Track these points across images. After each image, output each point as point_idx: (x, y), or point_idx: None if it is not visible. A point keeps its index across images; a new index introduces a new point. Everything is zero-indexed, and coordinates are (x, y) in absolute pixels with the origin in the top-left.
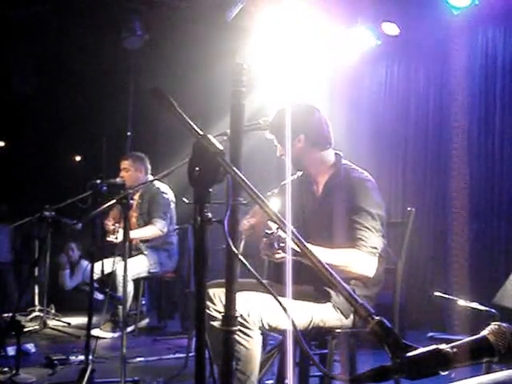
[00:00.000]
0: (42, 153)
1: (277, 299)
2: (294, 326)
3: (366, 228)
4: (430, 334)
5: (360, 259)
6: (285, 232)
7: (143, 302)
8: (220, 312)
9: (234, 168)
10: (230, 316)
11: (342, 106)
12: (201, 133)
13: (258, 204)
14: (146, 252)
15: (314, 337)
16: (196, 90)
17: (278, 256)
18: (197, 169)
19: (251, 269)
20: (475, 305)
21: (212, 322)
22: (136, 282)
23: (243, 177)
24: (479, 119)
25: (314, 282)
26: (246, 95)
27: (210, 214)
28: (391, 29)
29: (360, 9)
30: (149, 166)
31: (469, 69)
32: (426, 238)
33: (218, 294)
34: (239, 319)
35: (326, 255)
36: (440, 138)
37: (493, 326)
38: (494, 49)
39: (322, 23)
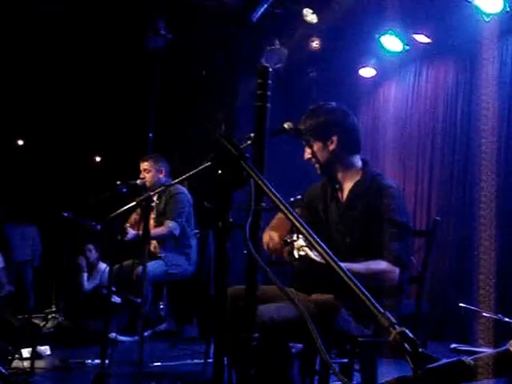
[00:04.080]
0: (62, 152)
1: (298, 307)
2: (315, 335)
3: (392, 237)
4: (453, 346)
5: (385, 269)
6: (307, 240)
7: (161, 307)
8: (240, 319)
9: (258, 172)
10: (249, 323)
11: (368, 111)
12: (224, 135)
13: (281, 210)
14: (162, 255)
15: (335, 346)
16: (220, 92)
17: (296, 264)
18: (219, 172)
19: (272, 275)
20: (500, 317)
21: (232, 329)
22: (155, 285)
23: (266, 182)
24: (508, 128)
25: (335, 291)
26: (271, 98)
27: (231, 219)
28: (421, 38)
29: (390, 17)
30: (169, 168)
31: (499, 76)
32: (451, 248)
33: (238, 301)
34: (263, 330)
35: (350, 266)
36: (467, 147)
37: None
38: None
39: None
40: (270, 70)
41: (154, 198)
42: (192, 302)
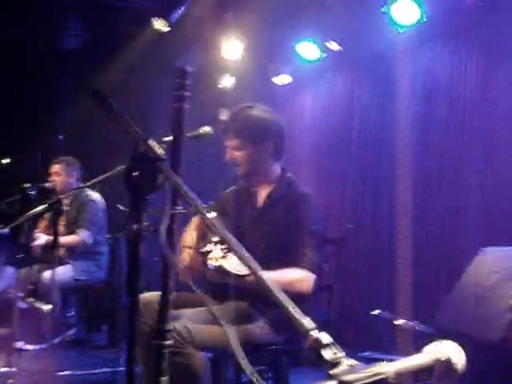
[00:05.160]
0: None
1: (213, 314)
2: (233, 342)
3: (306, 245)
4: (365, 354)
5: (301, 277)
6: (228, 246)
7: (70, 314)
8: (152, 326)
9: (175, 175)
10: (162, 330)
11: (283, 119)
12: (141, 137)
13: (198, 214)
14: (70, 261)
15: (248, 353)
16: (137, 93)
17: (211, 275)
18: (135, 174)
19: (189, 282)
20: (414, 324)
21: (144, 336)
22: (64, 291)
23: (184, 185)
24: (420, 138)
25: (249, 298)
26: (191, 99)
27: (146, 223)
28: (335, 46)
29: (304, 25)
30: (80, 172)
31: (412, 87)
32: (363, 255)
33: (151, 307)
34: (176, 337)
35: (266, 274)
36: (380, 156)
37: (432, 345)
38: (437, 68)
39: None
40: (189, 70)
41: (65, 203)
42: (102, 308)
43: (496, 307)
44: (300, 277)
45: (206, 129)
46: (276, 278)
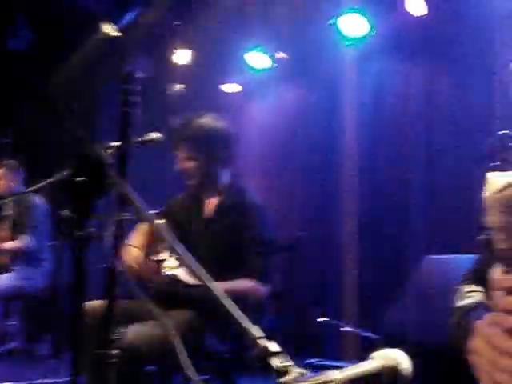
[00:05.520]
0: None
1: (160, 321)
2: (179, 350)
3: (257, 254)
4: (313, 360)
5: (251, 288)
6: (174, 254)
7: (12, 323)
8: (98, 335)
9: (122, 181)
10: (108, 339)
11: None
12: (87, 142)
13: (146, 221)
14: (13, 268)
15: (195, 362)
16: (86, 98)
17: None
18: (80, 179)
19: (137, 290)
20: (359, 330)
21: (89, 346)
22: (5, 300)
23: (131, 191)
24: (365, 145)
25: (198, 307)
26: (140, 105)
27: (92, 229)
28: (283, 56)
29: (254, 34)
30: (23, 176)
31: (359, 98)
32: (312, 263)
33: (96, 316)
34: (123, 346)
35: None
36: (329, 164)
37: (379, 351)
38: (384, 79)
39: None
40: (138, 76)
41: (8, 208)
42: (46, 317)
43: (441, 313)
44: (249, 287)
45: (154, 135)
46: (225, 288)
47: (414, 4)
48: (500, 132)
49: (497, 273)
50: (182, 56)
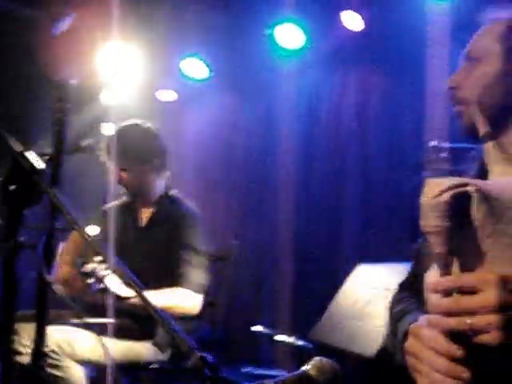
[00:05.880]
0: None
1: (92, 331)
2: (109, 358)
3: (192, 264)
4: (247, 369)
5: (185, 298)
6: (107, 264)
7: None
8: (27, 346)
9: (54, 189)
10: (39, 351)
11: (168, 135)
12: (18, 149)
13: (77, 231)
14: None
15: (128, 372)
16: (19, 104)
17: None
18: (12, 187)
19: (69, 300)
20: (293, 339)
21: (18, 358)
22: None
23: (63, 200)
24: (301, 156)
25: (133, 317)
26: (72, 112)
27: (22, 238)
28: (219, 64)
29: (191, 42)
30: None
31: (296, 108)
32: (246, 271)
33: (25, 327)
34: (51, 354)
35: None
36: (264, 173)
37: (314, 360)
38: (320, 91)
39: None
40: (71, 82)
41: None
42: None
43: (372, 323)
44: (185, 297)
45: (88, 142)
46: (160, 298)
47: (351, 19)
48: (431, 143)
49: (433, 276)
50: (117, 61)
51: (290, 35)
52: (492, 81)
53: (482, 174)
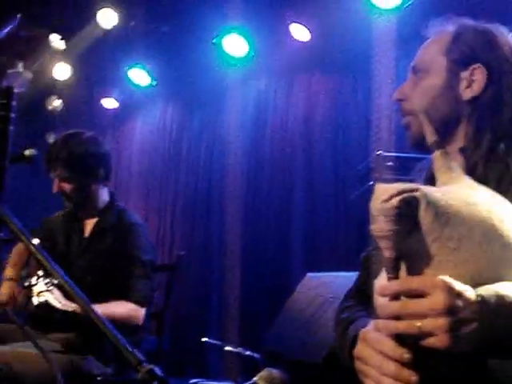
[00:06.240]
0: None
1: (35, 344)
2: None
3: (137, 276)
4: (193, 381)
5: (129, 310)
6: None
7: None
8: None
9: None
10: None
11: (112, 143)
12: None
13: (22, 242)
14: None
15: None
16: None
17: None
18: None
19: (11, 313)
20: (241, 349)
21: None
22: None
23: (5, 209)
24: (249, 168)
25: (76, 330)
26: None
27: None
28: (165, 73)
29: (136, 51)
30: None
31: (241, 118)
32: (194, 282)
33: None
34: None
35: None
36: (210, 183)
37: (263, 371)
38: (265, 100)
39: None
40: (15, 90)
41: None
42: None
43: (322, 331)
44: (128, 310)
45: (30, 151)
46: (104, 311)
47: (298, 30)
48: (377, 153)
49: (381, 280)
50: (61, 71)
51: (237, 44)
52: (438, 92)
53: (430, 182)
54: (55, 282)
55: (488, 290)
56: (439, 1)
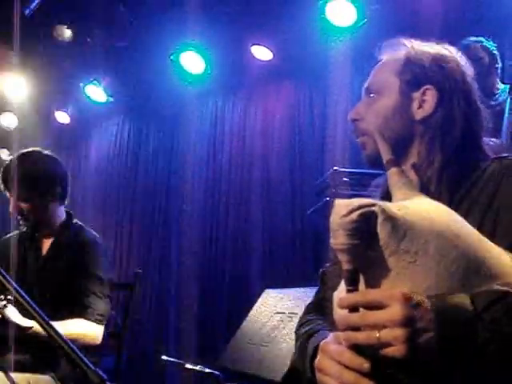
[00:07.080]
0: None
1: None
2: None
3: (94, 294)
4: None
5: (87, 329)
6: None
7: None
8: None
9: None
10: None
11: (68, 160)
12: None
13: None
14: None
15: None
16: None
17: None
18: None
19: None
20: (200, 367)
21: None
22: None
23: None
24: (206, 184)
25: (34, 349)
26: None
27: None
28: (120, 90)
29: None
30: None
31: (198, 134)
32: (151, 300)
33: None
34: None
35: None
36: (167, 200)
37: None
38: (222, 116)
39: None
40: None
41: None
42: None
43: (280, 347)
44: (83, 328)
45: None
46: (62, 329)
47: (259, 49)
48: (333, 168)
49: (341, 292)
50: (16, 86)
51: (194, 61)
52: (391, 112)
53: (386, 198)
54: (10, 297)
55: (443, 301)
56: (393, 19)
